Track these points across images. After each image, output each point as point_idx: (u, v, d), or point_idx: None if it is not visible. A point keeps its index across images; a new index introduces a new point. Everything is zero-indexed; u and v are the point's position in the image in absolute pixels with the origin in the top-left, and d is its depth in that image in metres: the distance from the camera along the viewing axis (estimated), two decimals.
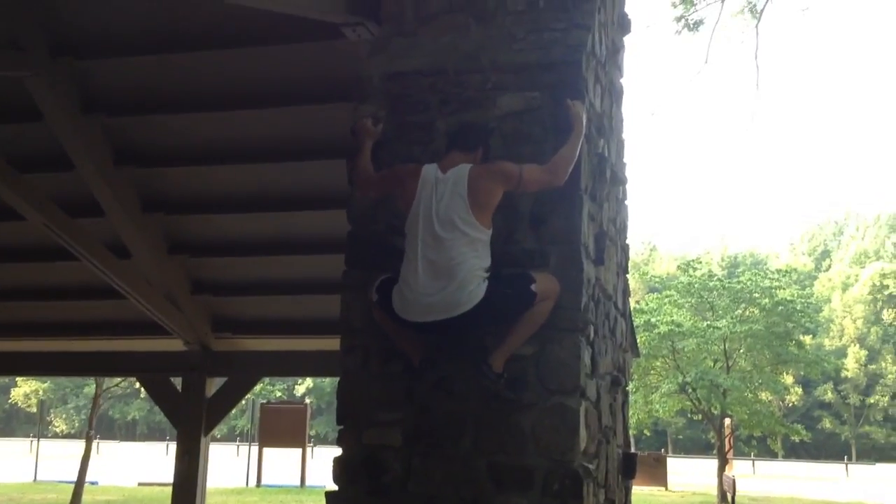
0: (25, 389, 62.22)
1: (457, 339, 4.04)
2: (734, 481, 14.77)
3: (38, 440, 31.92)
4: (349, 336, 4.33)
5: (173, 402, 9.28)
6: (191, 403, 9.02)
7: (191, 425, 8.99)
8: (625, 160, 5.89)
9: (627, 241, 5.97)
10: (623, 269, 5.77)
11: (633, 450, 5.87)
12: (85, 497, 18.14)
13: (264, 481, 25.26)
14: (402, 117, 4.46)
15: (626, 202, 5.90)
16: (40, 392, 59.40)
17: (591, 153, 4.51)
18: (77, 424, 65.79)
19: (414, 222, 3.94)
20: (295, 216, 7.67)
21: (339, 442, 4.25)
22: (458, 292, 3.77)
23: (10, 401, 65.06)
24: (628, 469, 5.53)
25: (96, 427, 20.69)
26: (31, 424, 62.26)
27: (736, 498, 14.50)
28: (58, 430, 66.56)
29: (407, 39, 4.68)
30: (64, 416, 68.33)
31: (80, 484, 18.00)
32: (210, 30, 5.99)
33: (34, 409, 60.01)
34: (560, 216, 4.15)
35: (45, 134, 6.78)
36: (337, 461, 4.24)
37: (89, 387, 55.57)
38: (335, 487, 4.28)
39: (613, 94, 5.51)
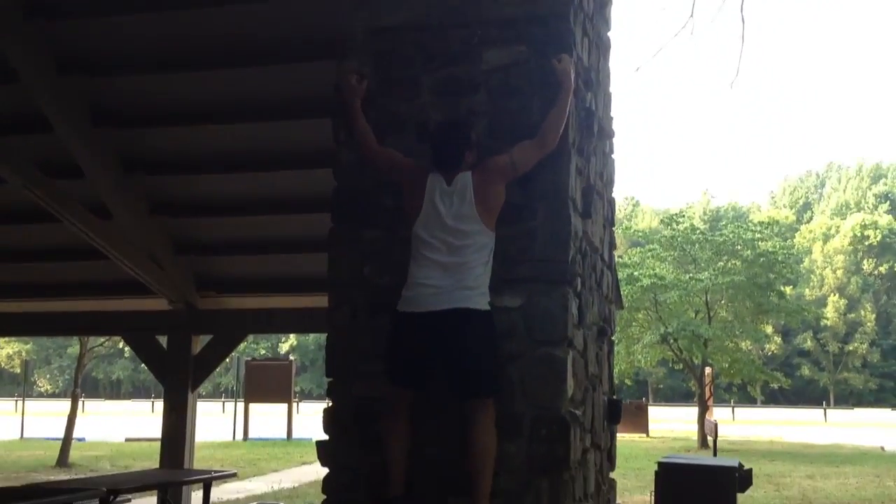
0: (8, 350, 62.22)
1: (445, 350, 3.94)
2: (716, 425, 15.00)
3: (24, 400, 31.87)
4: (337, 291, 4.36)
5: (160, 360, 9.34)
6: (177, 361, 9.08)
7: (178, 382, 9.07)
8: (611, 114, 5.90)
9: (613, 195, 6.01)
10: (609, 222, 5.82)
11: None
12: (73, 453, 18.25)
13: (251, 435, 25.46)
14: (386, 73, 4.44)
15: (613, 156, 5.93)
16: (23, 353, 59.39)
17: (578, 107, 4.51)
18: (61, 384, 65.88)
19: (421, 228, 3.99)
20: (278, 175, 7.65)
21: (328, 394, 4.31)
22: (468, 290, 3.88)
23: None
24: (613, 415, 5.62)
25: (81, 386, 20.72)
26: (14, 385, 62.28)
27: (717, 442, 14.72)
28: (42, 389, 66.62)
29: None
30: (48, 376, 68.36)
31: (67, 440, 18.11)
32: None
33: (18, 370, 60.06)
34: (548, 170, 4.16)
35: (21, 95, 6.71)
36: (327, 412, 4.30)
37: (72, 347, 55.49)
38: (324, 438, 4.34)
39: (601, 47, 5.50)
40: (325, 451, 4.29)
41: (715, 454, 13.51)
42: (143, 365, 11.00)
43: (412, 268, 3.98)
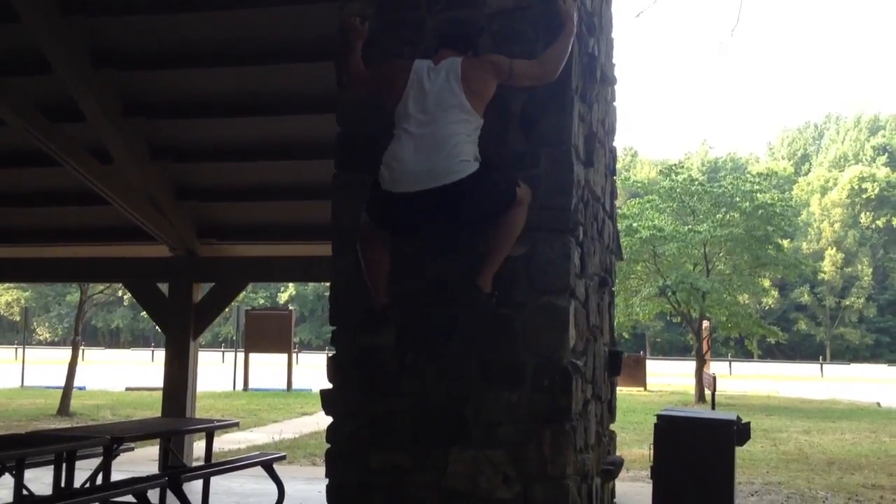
0: (7, 298, 62.41)
1: (440, 218, 3.97)
2: (714, 378, 15.09)
3: (24, 348, 32.00)
4: (341, 238, 4.34)
5: (161, 308, 9.35)
6: (178, 309, 9.09)
7: (179, 330, 9.08)
8: (614, 61, 5.84)
9: (615, 144, 5.97)
10: (611, 171, 5.79)
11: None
12: (73, 402, 18.31)
13: (251, 385, 25.61)
14: (390, 15, 4.39)
15: (615, 104, 5.87)
16: (23, 301, 59.57)
17: (581, 52, 4.46)
18: (60, 332, 66.16)
19: (404, 105, 3.92)
20: (281, 120, 7.60)
21: (332, 342, 4.30)
22: (448, 161, 3.76)
23: None
24: (614, 366, 5.65)
25: (80, 334, 20.77)
26: (13, 332, 62.55)
27: (714, 395, 14.83)
28: (41, 337, 66.92)
29: None
30: (47, 324, 68.64)
31: (68, 388, 18.17)
32: None
33: (17, 318, 60.28)
34: (550, 117, 4.13)
35: (22, 35, 6.63)
36: (331, 360, 4.30)
37: (71, 295, 55.75)
38: (325, 387, 4.35)
39: None
40: (328, 400, 4.31)
41: (713, 408, 13.60)
42: (142, 313, 11.04)
43: (391, 143, 3.92)
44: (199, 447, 9.29)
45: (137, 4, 6.56)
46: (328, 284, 4.62)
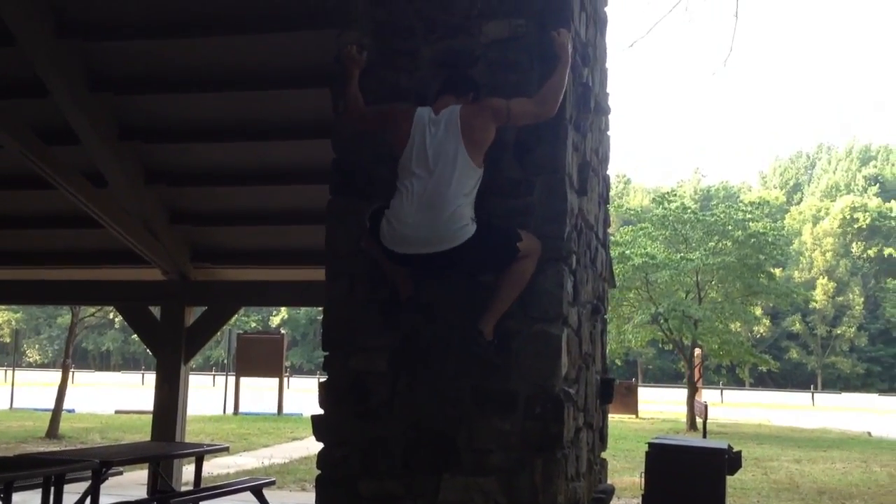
0: None
1: (435, 276, 4.05)
2: (706, 407, 15.06)
3: (14, 369, 31.84)
4: (335, 263, 4.35)
5: (152, 331, 9.31)
6: (170, 332, 9.06)
7: (170, 354, 9.05)
8: (608, 90, 5.89)
9: (608, 173, 6.01)
10: (604, 199, 5.82)
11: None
12: (62, 424, 18.23)
13: (242, 409, 25.50)
14: (387, 44, 4.42)
15: (609, 133, 5.92)
16: (13, 322, 59.31)
17: (575, 83, 4.50)
18: (50, 354, 65.82)
19: (407, 160, 3.95)
20: (275, 145, 7.63)
21: (325, 367, 4.30)
22: (446, 227, 3.80)
23: None
24: (606, 394, 5.65)
25: (71, 356, 20.69)
26: (3, 354, 62.20)
27: (706, 423, 14.81)
28: (31, 359, 66.56)
29: None
30: (37, 346, 68.31)
31: (57, 411, 18.09)
32: None
33: (7, 339, 59.98)
34: (545, 145, 4.16)
35: (18, 59, 6.66)
36: (323, 386, 4.29)
37: (62, 317, 55.49)
38: (316, 413, 4.35)
39: (598, 22, 5.49)
40: (320, 426, 4.29)
41: (704, 436, 13.57)
42: (133, 336, 11.03)
43: (393, 199, 3.94)
44: (188, 471, 9.25)
45: (133, 30, 6.59)
46: (320, 308, 4.63)
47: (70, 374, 21.40)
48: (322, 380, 4.35)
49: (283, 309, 62.54)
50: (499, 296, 3.96)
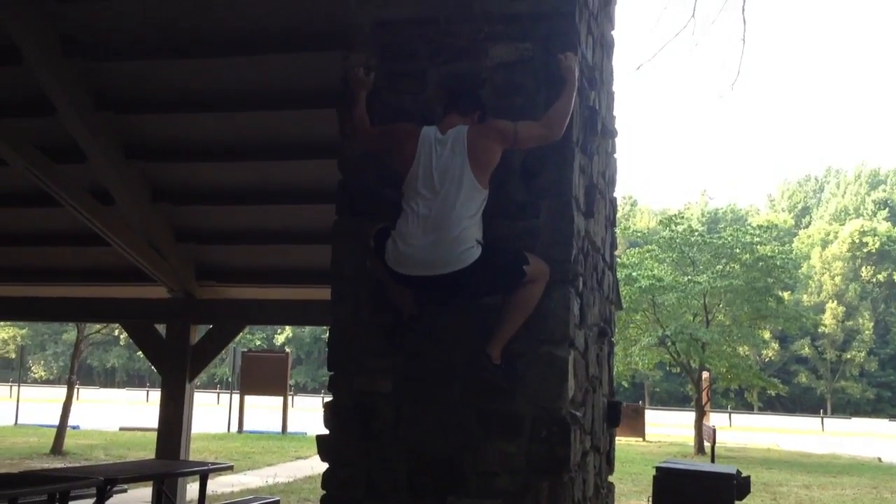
0: (3, 336, 62.22)
1: (446, 297, 4.03)
2: (714, 431, 14.97)
3: (19, 386, 31.86)
4: (340, 284, 4.33)
5: (158, 349, 9.32)
6: (175, 350, 9.07)
7: (175, 372, 9.05)
8: (614, 113, 5.88)
9: (615, 195, 5.99)
10: (611, 222, 5.80)
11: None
12: (67, 441, 18.23)
13: (246, 427, 25.45)
14: (392, 66, 4.42)
15: (615, 155, 5.90)
16: (18, 338, 59.39)
17: (582, 106, 4.49)
18: (55, 371, 65.86)
19: (413, 179, 3.94)
20: (280, 165, 7.64)
21: (329, 388, 4.28)
22: (451, 250, 3.79)
23: None
24: (613, 417, 5.61)
25: (76, 373, 20.70)
26: (9, 370, 62.24)
27: (714, 447, 14.71)
28: (36, 376, 66.59)
29: None
30: (42, 362, 68.34)
31: (62, 428, 18.09)
32: None
33: (13, 356, 60.02)
34: (552, 169, 4.14)
35: (26, 77, 6.69)
36: (327, 406, 4.27)
37: (68, 333, 55.58)
38: (319, 433, 4.32)
39: (605, 46, 5.49)
40: (325, 446, 4.26)
41: (713, 460, 13.49)
42: (138, 353, 11.01)
43: (399, 220, 3.93)
44: (192, 489, 9.21)
45: (139, 50, 6.62)
46: (325, 327, 4.61)
47: (75, 390, 21.42)
48: (327, 400, 4.33)
49: (287, 327, 62.54)
50: (506, 320, 3.94)
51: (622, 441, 23.66)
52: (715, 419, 30.05)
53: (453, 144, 3.92)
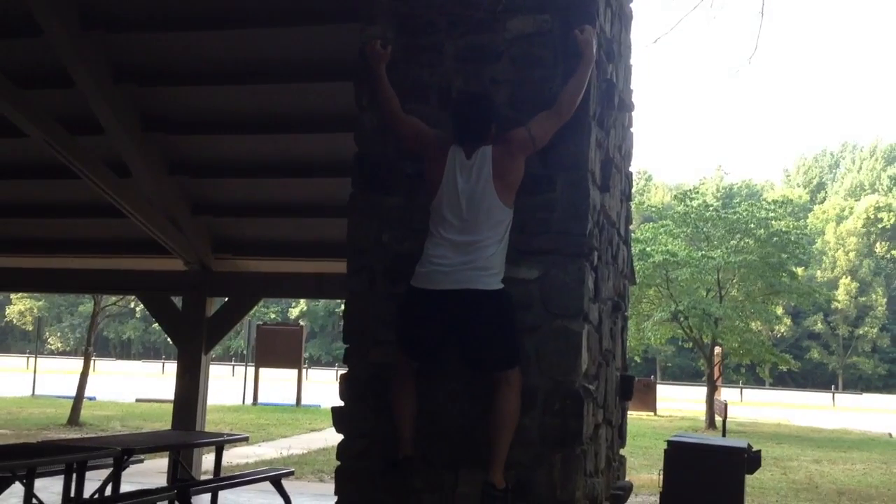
0: (20, 307, 62.68)
1: (461, 324, 3.98)
2: (726, 405, 15.01)
3: (36, 357, 32.14)
4: (356, 257, 4.36)
5: (174, 321, 9.38)
6: (191, 322, 9.12)
7: (191, 344, 9.11)
8: (631, 87, 5.87)
9: (631, 169, 5.99)
10: (626, 196, 5.80)
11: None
12: (83, 412, 18.39)
13: (260, 400, 25.63)
14: (410, 39, 4.41)
15: (632, 129, 5.89)
16: (35, 310, 59.81)
17: (599, 79, 4.49)
18: (72, 342, 66.34)
19: (439, 204, 3.99)
20: (298, 138, 7.66)
21: (345, 360, 4.32)
22: (478, 271, 3.88)
23: (5, 318, 65.58)
24: (625, 391, 5.64)
25: (93, 345, 20.86)
26: (26, 341, 62.78)
27: (725, 422, 14.76)
28: (52, 347, 67.13)
29: None
30: (59, 333, 68.84)
31: (78, 399, 18.25)
32: None
33: (29, 327, 60.51)
34: (568, 142, 4.15)
35: (45, 49, 6.72)
36: (343, 379, 4.31)
37: (84, 305, 55.95)
38: (333, 405, 4.37)
39: (623, 18, 5.46)
40: (340, 418, 4.31)
41: (724, 434, 13.53)
42: (154, 325, 11.13)
43: (427, 244, 3.99)
44: (208, 460, 9.31)
45: (157, 22, 6.64)
46: (339, 301, 4.65)
47: (91, 362, 21.58)
48: (342, 372, 4.36)
49: (301, 301, 62.75)
50: (497, 443, 3.91)
51: (634, 415, 23.72)
52: (726, 394, 30.09)
53: (478, 170, 3.96)
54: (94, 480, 6.93)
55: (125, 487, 6.78)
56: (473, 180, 3.95)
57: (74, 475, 6.36)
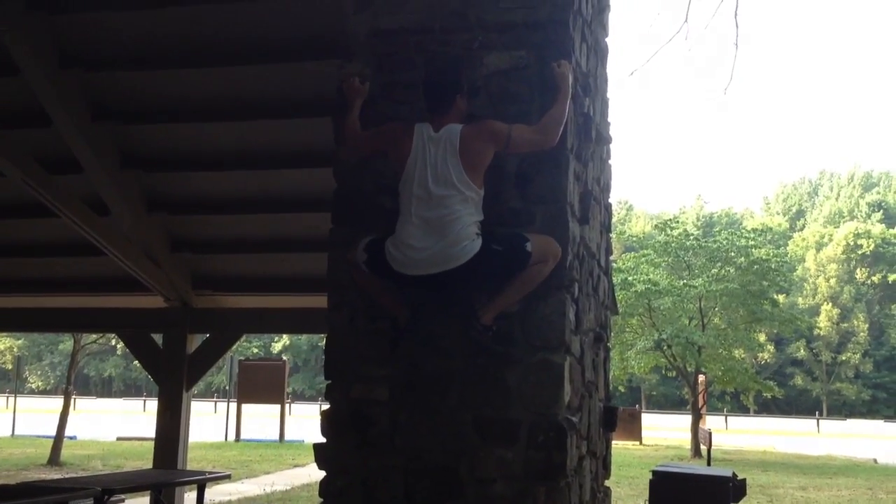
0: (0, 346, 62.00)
1: (446, 295, 4.07)
2: (710, 434, 15.01)
3: (16, 396, 31.80)
4: (336, 293, 4.35)
5: (155, 359, 9.32)
6: (172, 359, 9.07)
7: (172, 381, 9.04)
8: (609, 120, 5.91)
9: (610, 201, 6.02)
10: (606, 227, 5.82)
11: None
12: (64, 451, 18.19)
13: (243, 436, 25.42)
14: (388, 76, 4.45)
15: (610, 161, 5.93)
16: (15, 349, 59.20)
17: (576, 113, 4.52)
18: (52, 381, 65.68)
19: (408, 181, 3.97)
20: (276, 174, 7.66)
21: (326, 396, 4.30)
22: (452, 248, 3.84)
23: None
24: (609, 421, 5.63)
25: (73, 383, 20.66)
26: (5, 381, 62.09)
27: (710, 450, 14.75)
28: (33, 386, 66.41)
29: None
30: (39, 372, 68.15)
31: (59, 438, 18.05)
32: None
33: (9, 366, 59.86)
34: (546, 175, 4.17)
35: (22, 88, 6.70)
36: (325, 415, 4.29)
37: (64, 343, 55.47)
38: (316, 441, 4.34)
39: (599, 53, 5.52)
40: (322, 454, 4.28)
41: (709, 463, 13.51)
42: (134, 363, 11.02)
43: (399, 224, 3.97)
44: (190, 499, 9.21)
45: (135, 61, 6.63)
46: (322, 335, 4.64)
47: (72, 400, 21.37)
48: (324, 408, 4.34)
49: (284, 335, 62.45)
50: (505, 293, 3.98)
51: (619, 445, 23.68)
52: (711, 422, 30.09)
53: (446, 144, 3.94)
54: None
55: None
56: (441, 154, 3.93)
57: None
